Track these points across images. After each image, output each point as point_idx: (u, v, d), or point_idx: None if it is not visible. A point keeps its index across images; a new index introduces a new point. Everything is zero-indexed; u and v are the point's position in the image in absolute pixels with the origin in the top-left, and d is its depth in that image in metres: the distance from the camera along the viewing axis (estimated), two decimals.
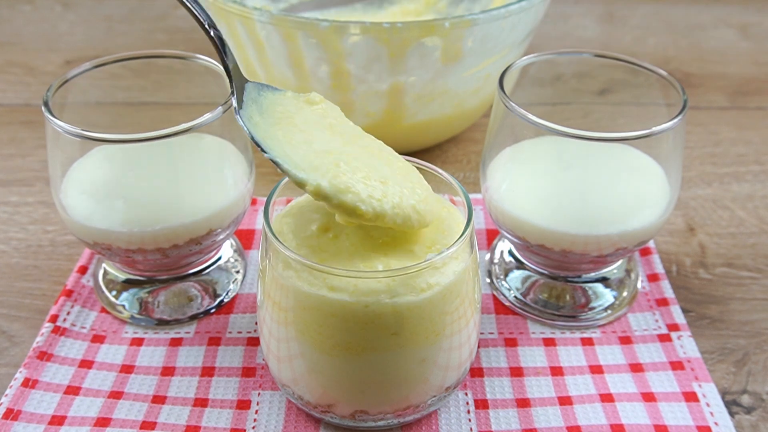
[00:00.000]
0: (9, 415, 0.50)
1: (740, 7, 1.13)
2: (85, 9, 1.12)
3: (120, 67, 0.59)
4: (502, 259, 0.63)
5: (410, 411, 0.49)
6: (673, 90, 0.56)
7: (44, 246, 0.67)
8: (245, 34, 0.69)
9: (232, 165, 0.57)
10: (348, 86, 0.70)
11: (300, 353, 0.47)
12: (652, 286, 0.62)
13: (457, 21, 0.65)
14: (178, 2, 0.49)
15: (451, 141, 0.83)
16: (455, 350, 0.48)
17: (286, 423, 0.51)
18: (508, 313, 0.60)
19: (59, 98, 0.55)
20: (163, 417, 0.51)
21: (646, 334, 0.58)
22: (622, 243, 0.55)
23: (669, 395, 0.52)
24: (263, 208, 0.48)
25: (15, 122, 0.85)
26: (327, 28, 0.65)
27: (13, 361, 0.56)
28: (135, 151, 0.53)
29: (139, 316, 0.59)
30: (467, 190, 0.56)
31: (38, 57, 0.99)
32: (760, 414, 0.52)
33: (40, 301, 0.61)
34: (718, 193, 0.75)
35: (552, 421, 0.51)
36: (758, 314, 0.60)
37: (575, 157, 0.55)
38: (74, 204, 0.54)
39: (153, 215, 0.53)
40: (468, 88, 0.73)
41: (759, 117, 0.88)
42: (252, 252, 0.66)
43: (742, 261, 0.66)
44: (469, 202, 0.48)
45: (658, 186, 0.55)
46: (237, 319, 0.59)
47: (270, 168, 0.78)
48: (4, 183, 0.75)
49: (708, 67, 0.99)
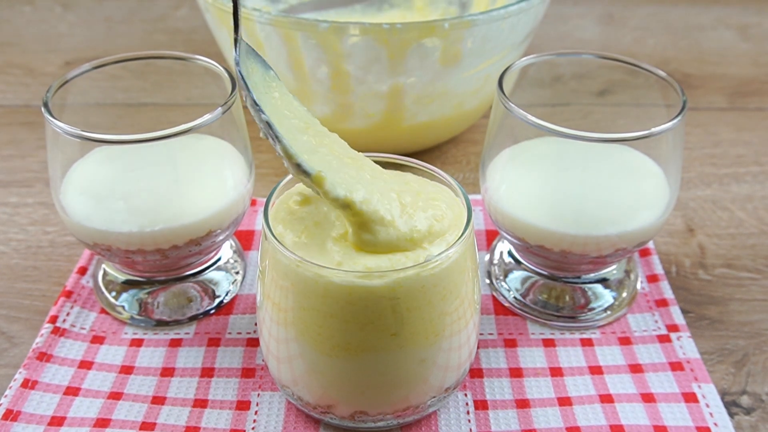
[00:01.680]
0: (9, 416, 0.50)
1: (740, 8, 1.13)
2: (85, 10, 1.12)
3: (120, 68, 0.59)
4: (501, 259, 0.63)
5: (410, 412, 0.49)
6: (672, 91, 0.56)
7: (44, 247, 0.67)
8: (245, 35, 0.69)
9: (232, 166, 0.57)
10: (347, 87, 0.70)
11: (300, 354, 0.47)
12: (652, 287, 0.62)
13: (456, 22, 0.65)
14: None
15: (451, 142, 0.83)
16: (455, 351, 0.48)
17: (285, 424, 0.51)
18: (507, 314, 0.60)
19: (59, 99, 0.55)
20: (162, 418, 0.51)
21: (645, 335, 0.58)
22: (622, 244, 0.55)
23: (668, 396, 0.53)
24: (263, 209, 0.48)
25: (15, 123, 0.85)
26: (326, 29, 0.65)
27: (13, 362, 0.56)
28: (135, 152, 0.53)
29: (139, 316, 0.59)
30: (467, 191, 0.56)
31: (38, 58, 0.99)
32: (760, 415, 0.52)
33: (39, 302, 0.61)
34: (717, 193, 0.75)
35: (551, 421, 0.51)
36: (758, 315, 0.60)
37: (575, 158, 0.55)
38: (74, 205, 0.54)
39: (152, 216, 0.53)
40: (467, 89, 0.73)
41: (758, 118, 0.88)
42: (251, 253, 0.66)
43: (741, 262, 0.66)
44: (469, 203, 0.48)
45: (657, 187, 0.55)
46: (236, 319, 0.59)
47: (270, 168, 0.78)
48: (3, 184, 0.75)
49: (707, 68, 0.99)
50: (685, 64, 0.99)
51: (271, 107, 0.47)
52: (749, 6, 1.14)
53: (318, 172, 0.44)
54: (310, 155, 0.45)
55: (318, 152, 0.46)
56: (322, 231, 0.47)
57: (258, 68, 0.49)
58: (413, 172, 0.51)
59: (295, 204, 0.49)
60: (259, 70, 0.49)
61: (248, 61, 0.48)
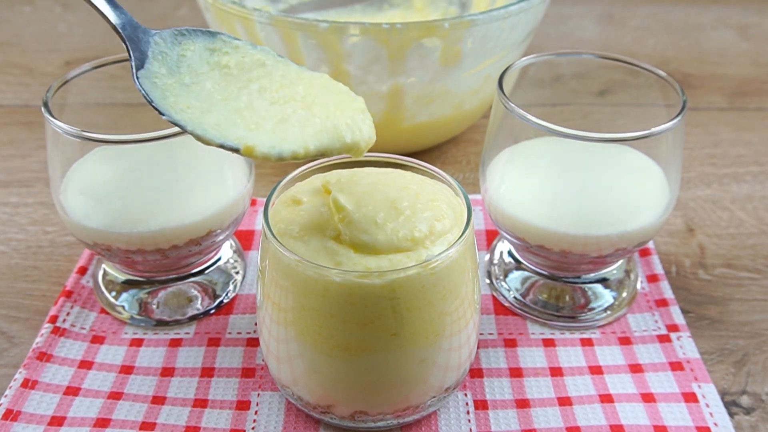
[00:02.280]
0: (9, 416, 0.50)
1: (740, 8, 1.13)
2: (85, 10, 1.12)
3: (120, 68, 0.59)
4: (501, 259, 0.63)
5: (410, 412, 0.49)
6: (672, 91, 0.56)
7: (44, 247, 0.67)
8: (245, 35, 0.69)
9: (232, 166, 0.57)
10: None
11: (300, 354, 0.47)
12: (652, 287, 0.62)
13: (456, 22, 0.65)
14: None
15: (451, 142, 0.83)
16: (455, 351, 0.48)
17: (285, 423, 0.51)
18: (507, 314, 0.60)
19: (59, 99, 0.55)
20: (162, 417, 0.51)
21: (645, 335, 0.58)
22: (622, 244, 0.55)
23: (668, 396, 0.53)
24: (263, 209, 0.48)
25: (15, 123, 0.85)
26: (326, 29, 0.65)
27: (13, 362, 0.56)
28: (135, 152, 0.53)
29: (139, 316, 0.59)
30: (467, 191, 0.56)
31: (38, 58, 0.99)
32: (760, 414, 0.52)
33: (39, 302, 0.61)
34: (717, 193, 0.75)
35: (551, 421, 0.51)
36: (757, 315, 0.60)
37: (575, 157, 0.55)
38: (74, 205, 0.54)
39: (152, 216, 0.53)
40: (467, 89, 0.73)
41: (758, 118, 0.88)
42: (251, 253, 0.66)
43: (741, 262, 0.66)
44: (469, 203, 0.48)
45: (657, 187, 0.55)
46: (236, 319, 0.59)
47: (270, 168, 0.78)
48: (3, 184, 0.75)
49: (707, 68, 0.99)
50: (685, 64, 0.99)
51: (213, 86, 0.45)
52: (749, 6, 1.14)
53: (245, 146, 0.42)
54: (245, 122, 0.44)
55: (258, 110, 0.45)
56: (322, 231, 0.47)
57: (198, 45, 0.47)
58: (413, 172, 0.52)
59: (296, 203, 0.49)
60: (198, 47, 0.47)
61: (176, 49, 0.46)
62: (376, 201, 0.47)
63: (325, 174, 0.51)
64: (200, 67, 0.47)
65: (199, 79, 0.46)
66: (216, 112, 0.44)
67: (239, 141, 0.43)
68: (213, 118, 0.44)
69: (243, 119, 0.44)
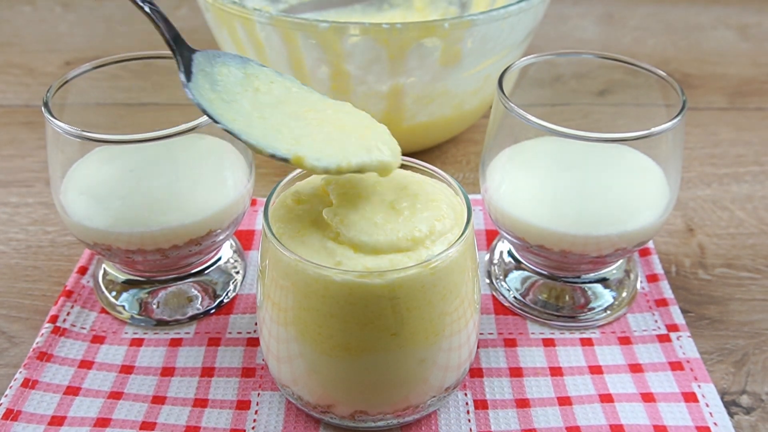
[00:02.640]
0: (9, 416, 0.50)
1: (739, 8, 1.13)
2: (85, 10, 1.12)
3: (120, 68, 0.59)
4: (501, 259, 0.63)
5: (410, 411, 0.49)
6: (672, 91, 0.56)
7: (44, 247, 0.67)
8: (245, 36, 0.69)
9: (232, 166, 0.57)
10: (348, 87, 0.70)
11: (300, 354, 0.47)
12: (652, 287, 0.62)
13: (456, 22, 0.65)
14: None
15: (451, 142, 0.83)
16: (455, 351, 0.48)
17: (285, 423, 0.51)
18: (507, 314, 0.60)
19: (59, 99, 0.55)
20: (162, 417, 0.51)
21: (645, 335, 0.58)
22: (622, 243, 0.55)
23: (668, 396, 0.53)
24: (263, 209, 0.48)
25: (15, 123, 0.86)
26: (326, 29, 0.65)
27: (13, 362, 0.56)
28: (135, 152, 0.53)
29: (139, 316, 0.59)
30: (467, 190, 0.56)
31: (38, 58, 1.00)
32: (759, 414, 0.52)
33: (40, 302, 0.61)
34: (717, 193, 0.75)
35: (551, 421, 0.51)
36: (757, 315, 0.60)
37: (574, 157, 0.55)
38: (74, 204, 0.54)
39: (153, 216, 0.53)
40: (467, 89, 0.73)
41: (758, 118, 0.88)
42: (252, 252, 0.66)
43: (741, 262, 0.66)
44: (469, 203, 0.48)
45: (657, 187, 0.55)
46: (237, 319, 0.59)
47: (270, 168, 0.78)
48: (4, 184, 0.75)
49: (707, 68, 0.99)
50: (685, 64, 0.99)
51: (250, 105, 0.48)
52: (749, 6, 1.14)
53: (295, 155, 0.45)
54: (293, 137, 0.46)
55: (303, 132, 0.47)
56: (322, 230, 0.47)
57: (231, 69, 0.49)
58: (413, 172, 0.52)
59: (296, 203, 0.49)
60: (232, 70, 0.50)
61: (213, 69, 0.48)
62: (375, 202, 0.47)
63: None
64: (234, 87, 0.49)
65: (236, 98, 0.48)
66: (257, 127, 0.46)
67: (289, 152, 0.45)
68: (257, 131, 0.46)
69: (283, 135, 0.46)
